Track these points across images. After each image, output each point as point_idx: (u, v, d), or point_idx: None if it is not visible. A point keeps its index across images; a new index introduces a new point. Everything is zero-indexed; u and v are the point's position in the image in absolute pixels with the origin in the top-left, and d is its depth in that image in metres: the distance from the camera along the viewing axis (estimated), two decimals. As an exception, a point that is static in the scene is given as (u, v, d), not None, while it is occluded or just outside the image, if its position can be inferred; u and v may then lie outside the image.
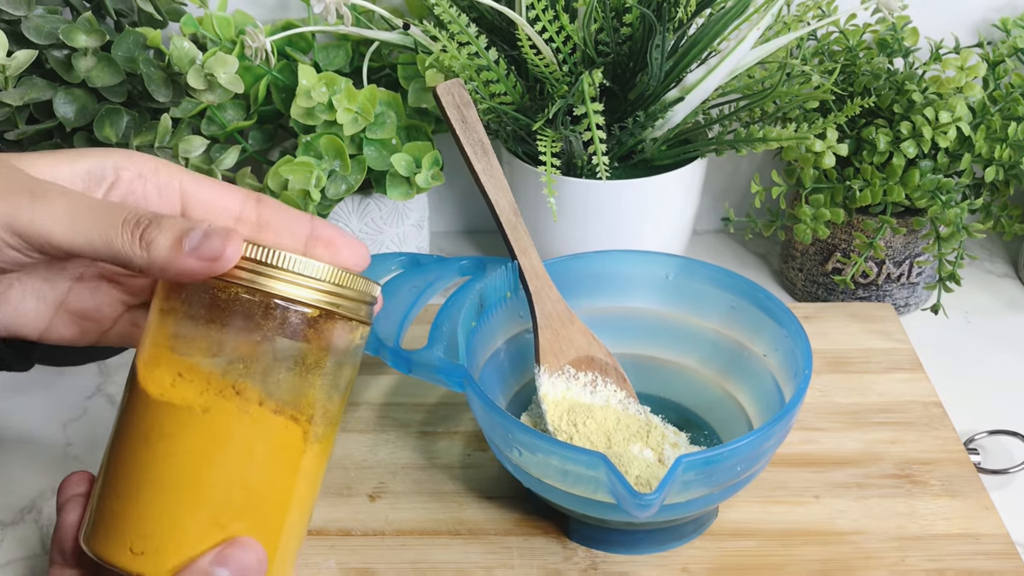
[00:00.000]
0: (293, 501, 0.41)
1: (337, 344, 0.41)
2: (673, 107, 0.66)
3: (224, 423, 0.38)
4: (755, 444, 0.48)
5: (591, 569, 0.53)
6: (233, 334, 0.39)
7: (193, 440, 0.38)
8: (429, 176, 0.66)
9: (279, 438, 0.39)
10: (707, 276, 0.60)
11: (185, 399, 0.39)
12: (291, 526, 0.41)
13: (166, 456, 0.39)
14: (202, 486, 0.38)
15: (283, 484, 0.40)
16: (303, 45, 0.71)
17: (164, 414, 0.39)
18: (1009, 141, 0.68)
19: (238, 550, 0.38)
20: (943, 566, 0.52)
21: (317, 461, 0.42)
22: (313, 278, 0.39)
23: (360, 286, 0.41)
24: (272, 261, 0.38)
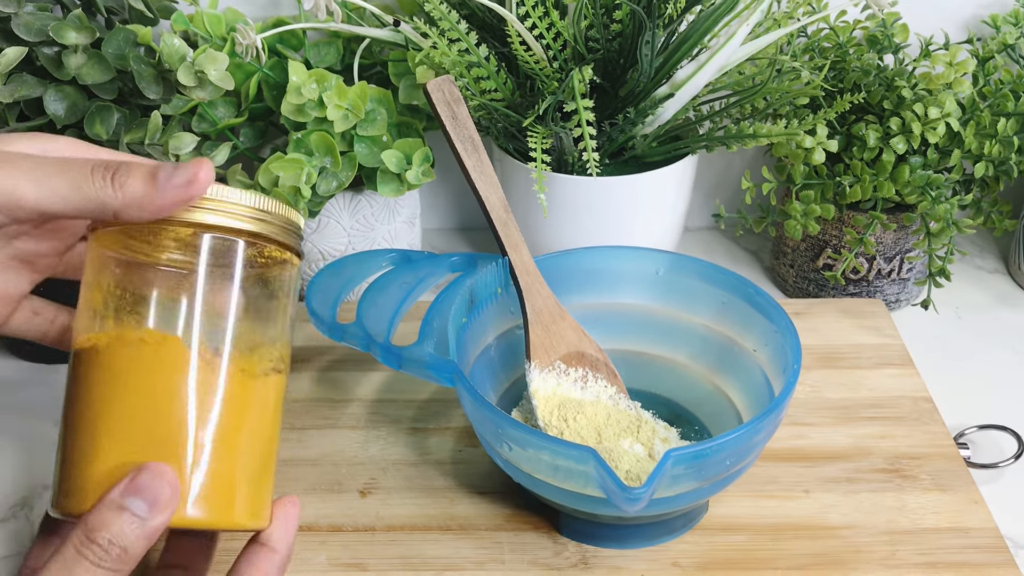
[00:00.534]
0: (216, 427, 0.40)
1: (236, 269, 0.41)
2: (663, 103, 0.66)
3: (120, 354, 0.40)
4: (744, 438, 0.48)
5: (581, 564, 0.53)
6: (128, 278, 0.41)
7: (96, 374, 0.40)
8: (420, 172, 0.66)
9: (173, 362, 0.40)
10: (697, 272, 0.60)
11: (90, 340, 0.40)
12: (225, 456, 0.40)
13: (79, 397, 0.40)
14: (108, 417, 0.39)
15: (192, 408, 0.40)
16: (294, 42, 0.71)
17: (77, 360, 0.41)
18: (998, 137, 0.68)
19: (146, 476, 0.38)
20: (933, 560, 0.53)
21: (240, 387, 0.41)
22: (209, 202, 0.40)
23: (270, 208, 0.41)
24: None
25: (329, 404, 0.64)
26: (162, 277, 0.41)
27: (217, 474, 0.40)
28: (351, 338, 0.55)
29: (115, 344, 0.40)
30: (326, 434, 0.62)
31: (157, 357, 0.40)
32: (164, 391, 0.40)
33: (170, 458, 0.39)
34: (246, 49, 0.64)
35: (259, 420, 0.42)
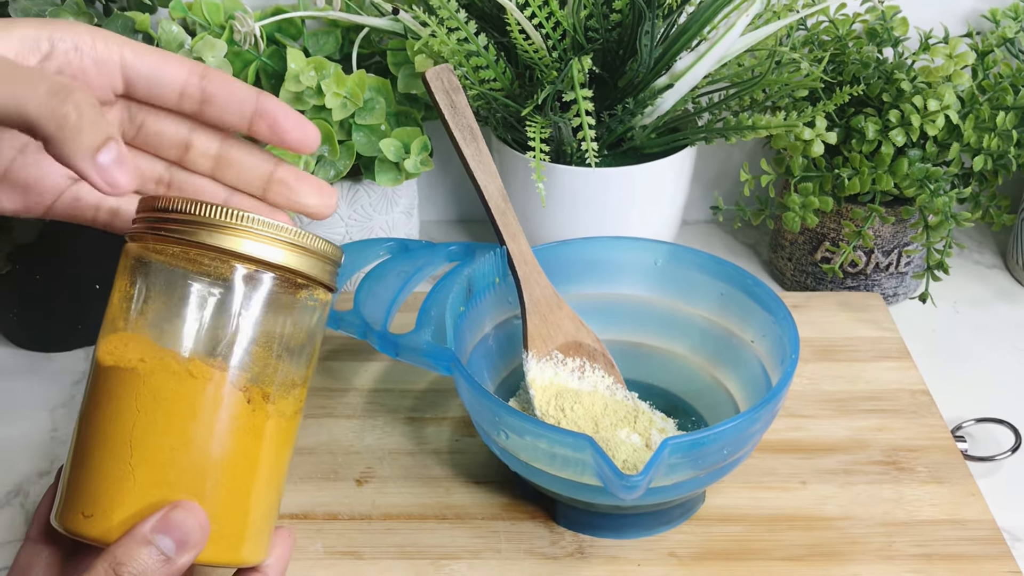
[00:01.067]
0: (244, 466, 0.40)
1: (289, 308, 0.40)
2: (662, 94, 0.66)
3: (165, 384, 0.38)
4: (741, 428, 0.48)
5: (578, 553, 0.53)
6: (173, 298, 0.39)
7: (135, 400, 0.38)
8: (418, 162, 0.66)
9: (221, 401, 0.39)
10: (696, 263, 0.60)
11: (127, 361, 0.39)
12: (248, 495, 0.40)
13: (112, 418, 0.39)
14: (145, 447, 0.38)
15: (230, 448, 0.39)
16: (293, 31, 0.71)
17: (111, 378, 0.39)
18: (998, 130, 0.68)
19: (179, 514, 0.38)
20: (929, 551, 0.52)
21: (275, 429, 0.41)
22: (265, 236, 0.38)
23: (319, 247, 0.40)
24: (223, 219, 0.38)
25: (326, 393, 0.64)
26: (208, 299, 0.39)
27: (241, 514, 0.40)
28: (348, 326, 0.55)
29: (159, 372, 0.38)
30: (322, 423, 0.62)
31: (204, 394, 0.39)
32: (206, 429, 0.39)
33: (200, 496, 0.39)
34: (244, 37, 0.64)
35: (284, 462, 0.42)
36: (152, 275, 0.39)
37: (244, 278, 0.39)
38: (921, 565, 0.52)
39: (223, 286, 0.39)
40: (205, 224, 0.38)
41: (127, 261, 0.40)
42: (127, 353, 0.39)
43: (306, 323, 0.41)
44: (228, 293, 0.39)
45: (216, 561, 0.40)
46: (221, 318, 0.39)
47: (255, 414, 0.40)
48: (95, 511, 0.38)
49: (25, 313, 0.70)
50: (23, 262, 0.66)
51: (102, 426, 0.39)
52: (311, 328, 0.42)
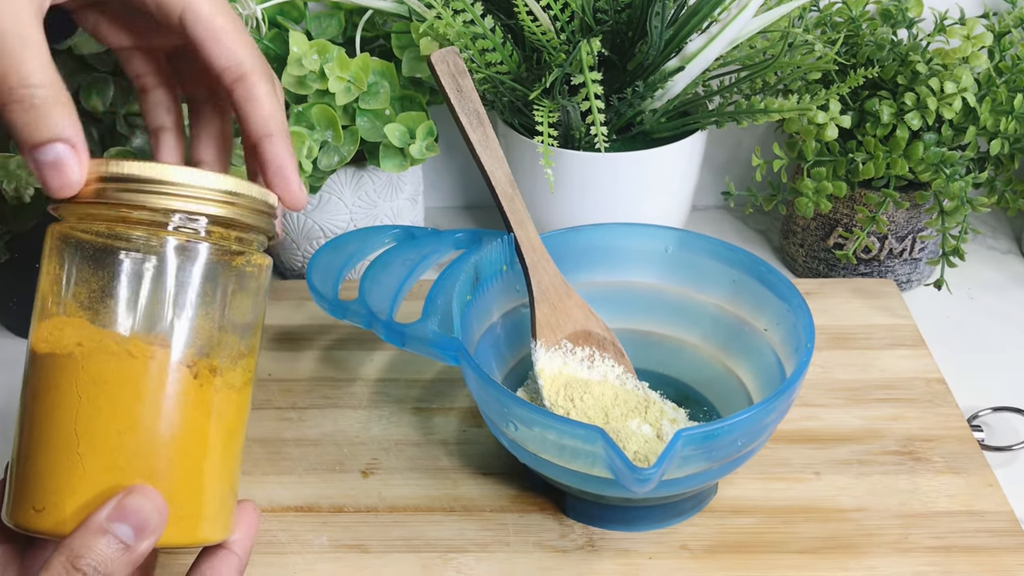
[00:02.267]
0: (195, 443, 0.39)
1: (227, 275, 0.39)
2: (673, 77, 0.65)
3: (104, 366, 0.37)
4: (756, 419, 0.47)
5: (588, 546, 0.52)
6: (105, 276, 0.38)
7: (75, 386, 0.37)
8: (423, 147, 0.65)
9: (166, 379, 0.38)
10: (707, 249, 0.58)
11: (64, 347, 0.38)
12: (202, 472, 0.39)
13: (54, 407, 0.37)
14: (91, 433, 0.37)
15: (180, 427, 0.38)
16: (295, 14, 0.69)
17: (48, 366, 0.38)
18: (1015, 113, 0.67)
19: (135, 499, 0.37)
20: (946, 543, 0.51)
21: (225, 402, 0.39)
22: (185, 199, 0.37)
23: (250, 204, 0.39)
24: (142, 173, 0.37)
25: (331, 383, 0.63)
26: (141, 271, 0.38)
27: (197, 492, 0.39)
28: (353, 316, 0.54)
29: (98, 354, 0.37)
30: (327, 414, 0.61)
31: (147, 373, 0.37)
32: (153, 409, 0.38)
33: (154, 478, 0.37)
34: (246, 20, 0.63)
35: (238, 435, 0.41)
36: (80, 253, 0.38)
37: (176, 249, 0.38)
38: (938, 558, 0.51)
39: (155, 257, 0.38)
40: (125, 180, 0.37)
41: (53, 242, 0.39)
42: (63, 338, 0.38)
43: (247, 288, 0.40)
44: (161, 264, 0.38)
45: (176, 543, 0.38)
46: (156, 292, 0.38)
47: (203, 389, 0.38)
48: (46, 504, 0.37)
49: (25, 302, 0.69)
50: (22, 250, 0.65)
51: (45, 416, 0.38)
52: (253, 294, 0.41)
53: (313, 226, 0.71)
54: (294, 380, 0.63)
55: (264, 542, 0.52)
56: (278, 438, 0.59)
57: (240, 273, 0.40)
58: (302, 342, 0.67)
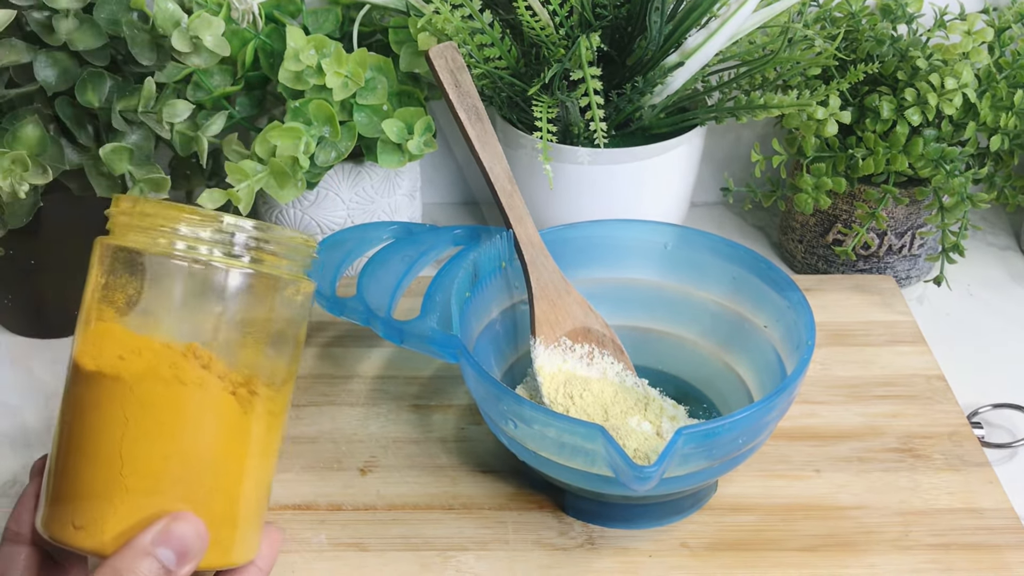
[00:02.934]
0: (236, 469, 0.39)
1: (273, 303, 0.40)
2: (672, 73, 0.65)
3: (153, 390, 0.38)
4: (757, 416, 0.47)
5: (587, 544, 0.52)
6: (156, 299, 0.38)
7: (123, 409, 0.38)
8: (421, 143, 0.64)
9: (212, 406, 0.38)
10: (707, 246, 0.58)
11: (114, 368, 0.38)
12: (239, 497, 0.40)
13: (99, 428, 0.38)
14: (136, 457, 0.37)
15: (222, 453, 0.39)
16: (292, 9, 0.69)
17: (95, 384, 0.38)
18: (1015, 109, 0.66)
19: (180, 526, 0.38)
20: (946, 541, 0.51)
21: (263, 427, 0.40)
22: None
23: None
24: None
25: (329, 381, 0.63)
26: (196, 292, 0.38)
27: (233, 517, 0.40)
28: (351, 313, 0.53)
29: (147, 379, 0.38)
30: (325, 411, 0.60)
31: (195, 401, 0.38)
32: (199, 435, 0.38)
33: (195, 503, 0.38)
34: (242, 15, 0.62)
35: (273, 458, 0.41)
36: (134, 265, 0.38)
37: (227, 271, 0.38)
38: (939, 555, 0.51)
39: (209, 276, 0.38)
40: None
41: (103, 252, 0.39)
42: (108, 357, 0.38)
43: (291, 316, 0.41)
44: (214, 285, 0.38)
45: (210, 566, 0.39)
46: (207, 316, 0.38)
47: (246, 416, 0.39)
48: (86, 522, 0.38)
49: (20, 299, 0.69)
50: (16, 247, 0.64)
51: (89, 435, 0.38)
52: (296, 321, 0.41)
53: (310, 222, 0.70)
54: (291, 377, 0.63)
55: (262, 540, 0.52)
56: (276, 436, 0.58)
57: (287, 301, 0.41)
58: (299, 339, 0.66)
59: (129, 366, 0.38)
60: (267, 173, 0.61)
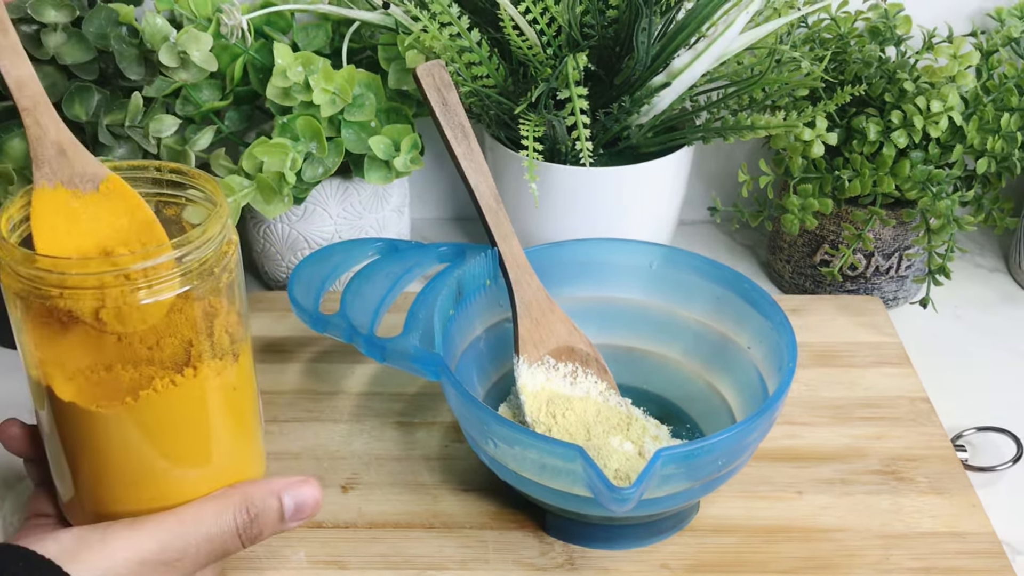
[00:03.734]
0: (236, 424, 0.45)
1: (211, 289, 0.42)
2: (659, 92, 0.65)
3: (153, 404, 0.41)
4: (737, 438, 0.47)
5: (568, 564, 0.51)
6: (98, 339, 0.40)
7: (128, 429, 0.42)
8: (408, 160, 0.64)
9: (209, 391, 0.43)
10: (691, 266, 0.58)
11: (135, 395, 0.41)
12: (249, 436, 0.46)
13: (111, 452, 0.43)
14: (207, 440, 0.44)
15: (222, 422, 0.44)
16: (282, 24, 0.69)
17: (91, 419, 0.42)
18: (1002, 132, 0.67)
19: (307, 487, 0.45)
20: (928, 565, 0.51)
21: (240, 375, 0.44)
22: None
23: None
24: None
25: (312, 397, 0.63)
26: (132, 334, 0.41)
27: (245, 456, 0.47)
28: (334, 329, 0.53)
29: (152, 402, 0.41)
30: (308, 427, 0.60)
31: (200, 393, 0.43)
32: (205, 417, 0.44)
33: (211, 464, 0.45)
34: (231, 30, 0.63)
35: (253, 387, 0.47)
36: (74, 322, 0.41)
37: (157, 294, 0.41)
38: (920, 579, 0.50)
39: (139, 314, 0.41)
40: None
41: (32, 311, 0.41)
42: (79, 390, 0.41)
43: (228, 281, 0.43)
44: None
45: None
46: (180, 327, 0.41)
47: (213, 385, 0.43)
48: None
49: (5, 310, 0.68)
50: None
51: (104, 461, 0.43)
52: (235, 275, 0.44)
53: (298, 237, 0.70)
54: (276, 392, 0.63)
55: (240, 556, 0.51)
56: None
57: (216, 277, 0.42)
58: (284, 354, 0.66)
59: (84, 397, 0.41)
60: (253, 188, 0.61)
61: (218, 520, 0.43)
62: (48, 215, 0.41)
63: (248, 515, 0.44)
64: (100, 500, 0.43)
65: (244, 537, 0.44)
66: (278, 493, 0.44)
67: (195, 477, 0.44)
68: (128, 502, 0.43)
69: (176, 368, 0.41)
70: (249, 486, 0.44)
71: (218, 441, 0.44)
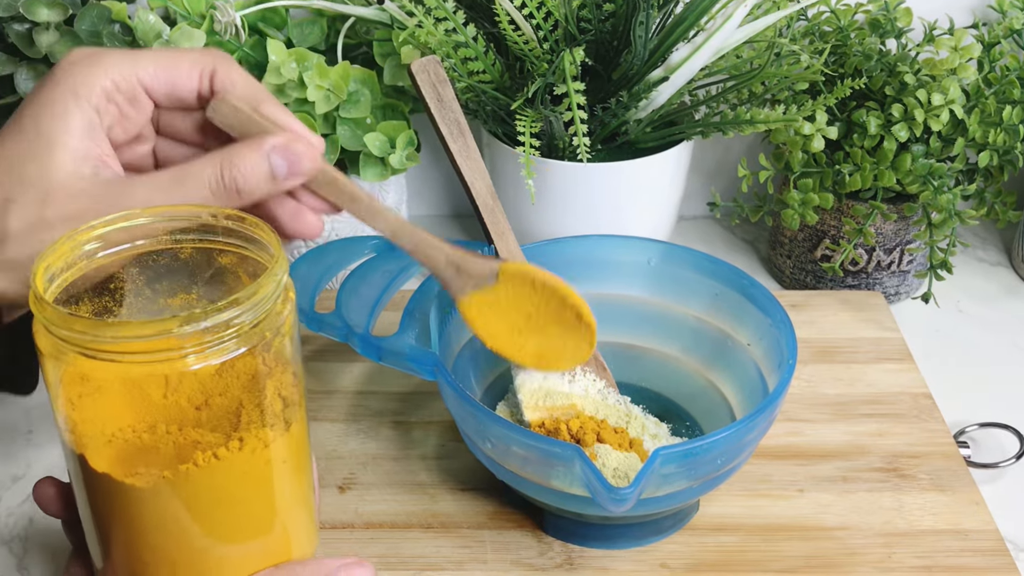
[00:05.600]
0: (293, 494, 0.41)
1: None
2: (658, 87, 0.64)
3: (193, 479, 0.37)
4: (737, 436, 0.46)
5: (566, 564, 0.51)
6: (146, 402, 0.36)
7: (171, 504, 0.38)
8: (404, 157, 0.64)
9: (245, 464, 0.38)
10: (690, 262, 0.58)
11: (154, 477, 0.37)
12: (301, 510, 0.42)
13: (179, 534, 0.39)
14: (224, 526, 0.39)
15: (276, 495, 0.40)
16: (277, 21, 0.68)
17: (142, 497, 0.37)
18: (1004, 125, 0.66)
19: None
20: (930, 563, 0.51)
21: (291, 445, 0.40)
22: None
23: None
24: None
25: (309, 396, 0.62)
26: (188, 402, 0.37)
27: (312, 518, 0.43)
28: (329, 329, 0.53)
29: (213, 461, 0.37)
30: (305, 427, 0.60)
31: (233, 464, 0.38)
32: (259, 489, 0.40)
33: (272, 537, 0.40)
34: (225, 27, 0.62)
35: (308, 460, 0.43)
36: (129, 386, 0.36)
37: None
38: (922, 578, 0.50)
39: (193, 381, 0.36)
40: None
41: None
42: (136, 466, 0.37)
43: (283, 341, 0.38)
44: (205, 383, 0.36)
45: None
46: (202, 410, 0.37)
47: (274, 453, 0.39)
48: None
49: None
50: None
51: (138, 536, 0.39)
52: (293, 345, 0.39)
53: (294, 235, 0.70)
54: (272, 392, 0.62)
55: (237, 559, 0.51)
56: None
57: (271, 339, 0.38)
58: (281, 353, 0.66)
59: (141, 469, 0.37)
60: (248, 186, 0.61)
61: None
62: (479, 317, 0.50)
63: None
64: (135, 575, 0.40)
65: None
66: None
67: (238, 556, 0.40)
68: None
69: (222, 438, 0.37)
70: (297, 567, 0.40)
71: (265, 518, 0.40)
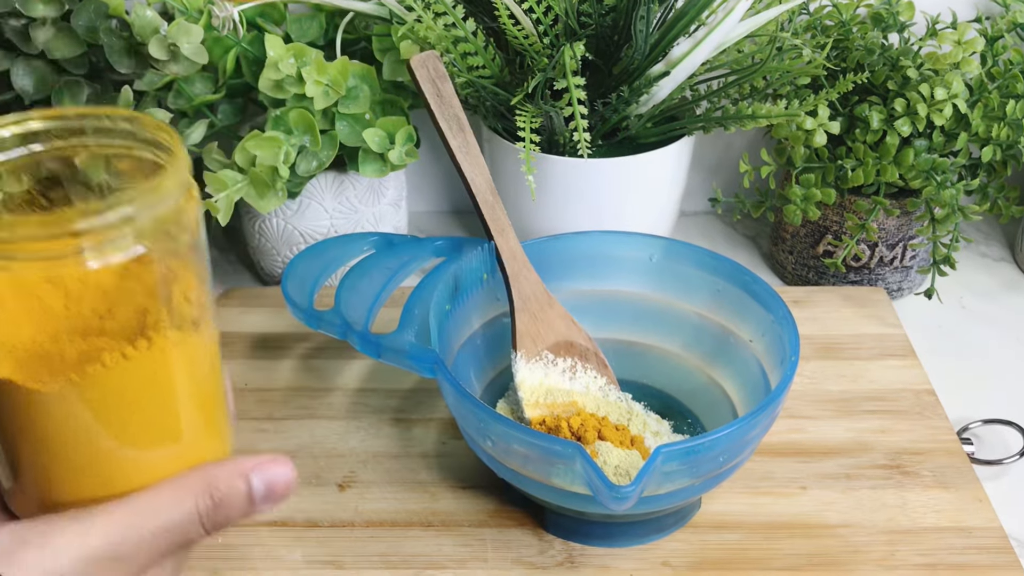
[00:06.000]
0: (208, 391, 0.40)
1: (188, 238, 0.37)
2: (658, 82, 0.64)
3: (101, 380, 0.36)
4: (738, 434, 0.46)
5: (568, 562, 0.51)
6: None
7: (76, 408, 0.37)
8: (403, 152, 0.63)
9: (154, 364, 0.37)
10: (692, 258, 0.57)
11: (85, 368, 0.36)
12: (213, 412, 0.40)
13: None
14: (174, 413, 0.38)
15: (186, 393, 0.39)
16: (275, 16, 0.68)
17: (27, 398, 0.36)
18: (1007, 120, 0.66)
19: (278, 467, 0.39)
20: (934, 560, 0.50)
21: (199, 346, 0.39)
22: None
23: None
24: None
25: (308, 393, 0.62)
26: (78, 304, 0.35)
27: (211, 428, 0.41)
28: (328, 326, 0.52)
29: (121, 361, 0.36)
30: (304, 424, 0.59)
31: (161, 363, 0.37)
32: (153, 391, 0.38)
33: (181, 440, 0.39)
34: (223, 22, 0.62)
35: (216, 355, 0.41)
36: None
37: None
38: (925, 575, 0.50)
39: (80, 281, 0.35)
40: None
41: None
42: (27, 371, 0.36)
43: (188, 242, 0.37)
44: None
45: None
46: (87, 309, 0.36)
47: (193, 350, 0.38)
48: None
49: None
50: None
51: (46, 446, 0.37)
52: (196, 245, 0.38)
53: (293, 231, 0.70)
54: (271, 390, 0.62)
55: (236, 557, 0.51)
56: (253, 450, 0.57)
57: (174, 237, 0.37)
58: (280, 350, 0.65)
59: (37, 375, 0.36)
60: (247, 183, 0.60)
61: (177, 508, 0.38)
62: None
63: (212, 500, 0.39)
64: (45, 488, 0.39)
65: (208, 525, 0.39)
66: (246, 474, 0.39)
67: (150, 460, 0.39)
68: (76, 490, 0.38)
69: (128, 339, 0.36)
70: (212, 468, 0.39)
71: (176, 420, 0.39)
